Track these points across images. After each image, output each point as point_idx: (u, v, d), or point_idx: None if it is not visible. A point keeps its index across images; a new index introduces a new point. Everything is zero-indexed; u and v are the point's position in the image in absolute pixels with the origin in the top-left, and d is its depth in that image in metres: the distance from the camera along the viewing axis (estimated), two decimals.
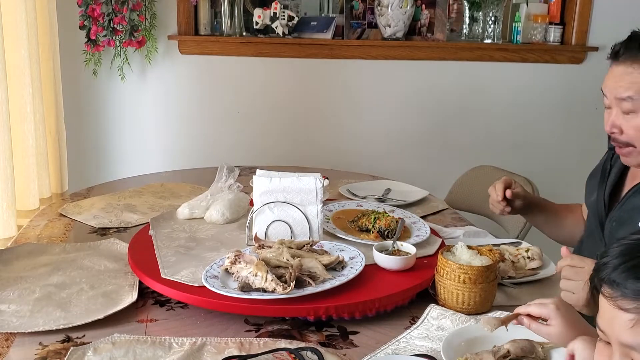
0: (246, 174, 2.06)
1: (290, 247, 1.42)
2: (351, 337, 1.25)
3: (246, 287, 1.29)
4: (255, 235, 1.54)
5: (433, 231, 1.69)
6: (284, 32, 2.91)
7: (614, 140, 1.41)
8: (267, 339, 1.22)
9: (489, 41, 3.00)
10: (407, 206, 2.00)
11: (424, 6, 2.97)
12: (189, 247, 1.57)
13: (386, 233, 1.62)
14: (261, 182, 1.55)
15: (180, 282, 1.35)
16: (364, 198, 2.04)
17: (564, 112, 3.13)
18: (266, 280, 1.27)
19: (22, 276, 1.46)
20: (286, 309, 1.28)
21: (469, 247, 1.39)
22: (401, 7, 2.85)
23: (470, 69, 3.04)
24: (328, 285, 1.31)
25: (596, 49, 3.03)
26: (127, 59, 2.85)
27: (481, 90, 3.08)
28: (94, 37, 2.69)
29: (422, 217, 1.86)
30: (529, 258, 1.55)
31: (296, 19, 2.93)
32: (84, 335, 1.23)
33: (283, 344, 1.19)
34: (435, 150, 3.13)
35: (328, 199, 1.83)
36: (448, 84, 3.06)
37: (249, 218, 1.57)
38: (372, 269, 1.44)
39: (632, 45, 1.32)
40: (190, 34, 2.90)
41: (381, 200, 2.05)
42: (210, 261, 1.43)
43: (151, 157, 3.01)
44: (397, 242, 1.53)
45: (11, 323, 1.25)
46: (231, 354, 1.15)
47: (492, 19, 2.98)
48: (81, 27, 2.70)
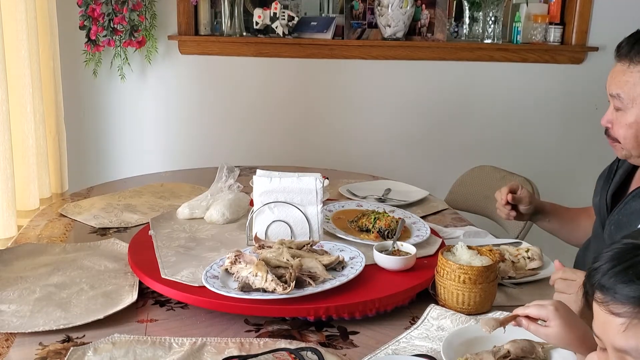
0: (246, 174, 2.06)
1: (290, 247, 1.42)
2: (351, 337, 1.25)
3: (246, 287, 1.29)
4: (255, 235, 1.54)
5: (433, 231, 1.69)
6: (284, 32, 2.91)
7: (606, 133, 1.43)
8: (267, 339, 1.22)
9: (489, 41, 3.00)
10: (407, 206, 2.00)
11: (424, 6, 2.97)
12: (189, 247, 1.57)
13: (386, 233, 1.62)
14: (261, 182, 1.55)
15: (180, 282, 1.36)
16: (364, 198, 2.04)
17: (563, 112, 3.13)
18: (266, 281, 1.27)
19: (22, 276, 1.46)
20: (286, 309, 1.28)
21: (469, 247, 1.39)
22: (401, 7, 2.85)
23: (470, 69, 3.04)
24: (328, 286, 1.31)
25: (596, 49, 3.03)
26: (127, 59, 2.85)
27: (481, 90, 3.08)
28: (94, 37, 2.69)
29: (422, 217, 1.86)
30: (529, 258, 1.55)
31: (296, 19, 2.93)
32: (84, 335, 1.23)
33: (283, 344, 1.19)
34: (435, 150, 3.13)
35: (328, 199, 1.83)
36: (448, 84, 3.06)
37: (249, 218, 1.57)
38: (372, 269, 1.44)
39: (632, 44, 1.33)
40: (190, 34, 2.90)
41: (381, 200, 2.05)
42: (210, 261, 1.44)
43: (151, 157, 3.01)
44: (397, 242, 1.53)
45: (11, 323, 1.25)
46: (231, 354, 1.15)
47: (492, 19, 2.98)
48: (81, 27, 2.70)
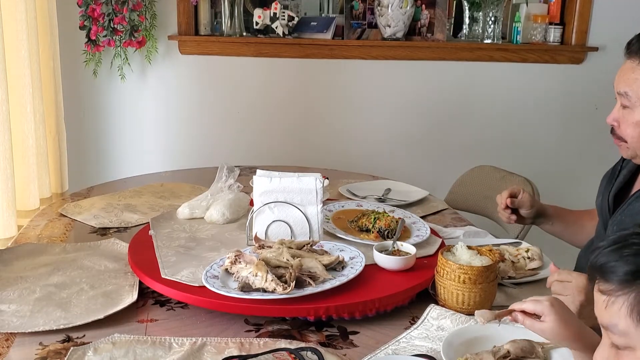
0: (246, 174, 2.06)
1: (290, 247, 1.42)
2: (351, 337, 1.25)
3: (246, 287, 1.29)
4: (255, 235, 1.54)
5: (433, 231, 1.69)
6: (284, 32, 2.91)
7: (612, 132, 1.42)
8: (267, 339, 1.22)
9: (489, 41, 3.00)
10: (407, 206, 2.00)
11: (424, 6, 2.97)
12: (189, 247, 1.57)
13: (386, 233, 1.62)
14: (261, 182, 1.55)
15: (181, 282, 1.36)
16: (364, 198, 2.04)
17: (563, 112, 3.13)
18: (266, 280, 1.27)
19: (22, 276, 1.46)
20: (286, 309, 1.28)
21: (469, 247, 1.39)
22: (401, 7, 2.85)
23: (470, 69, 3.04)
24: (328, 285, 1.31)
25: (596, 49, 3.03)
26: (127, 59, 2.85)
27: (481, 90, 3.08)
28: (94, 37, 2.69)
29: (422, 217, 1.86)
30: (529, 258, 1.55)
31: (296, 19, 2.93)
32: (84, 335, 1.23)
33: (283, 344, 1.19)
34: (435, 150, 3.13)
35: (328, 199, 1.83)
36: (448, 84, 3.06)
37: (249, 218, 1.57)
38: (372, 269, 1.44)
39: None
40: (190, 34, 2.90)
41: (381, 200, 2.05)
42: (210, 261, 1.44)
43: (151, 157, 3.01)
44: (397, 242, 1.53)
45: (11, 323, 1.25)
46: (231, 354, 1.15)
47: (492, 19, 2.98)
48: (81, 27, 2.70)
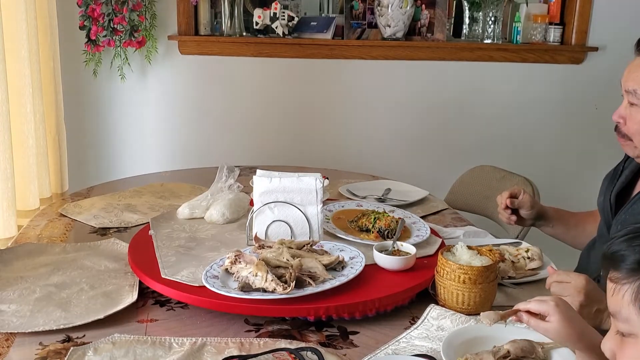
0: (246, 174, 2.06)
1: (290, 247, 1.42)
2: (351, 337, 1.26)
3: (246, 287, 1.29)
4: (255, 235, 1.54)
5: (433, 231, 1.69)
6: (284, 32, 2.91)
7: (616, 129, 1.41)
8: (267, 339, 1.22)
9: (489, 41, 3.00)
10: (407, 206, 2.00)
11: (424, 6, 2.97)
12: (189, 247, 1.57)
13: (386, 233, 1.62)
14: (261, 182, 1.55)
15: (181, 282, 1.36)
16: (364, 198, 2.04)
17: (563, 112, 3.13)
18: (266, 280, 1.27)
19: (22, 276, 1.46)
20: (286, 309, 1.28)
21: (469, 247, 1.39)
22: (401, 7, 2.85)
23: (470, 69, 3.04)
24: (328, 285, 1.31)
25: (596, 49, 3.03)
26: (127, 59, 2.85)
27: (481, 91, 3.08)
28: (94, 37, 2.69)
29: (422, 217, 1.86)
30: (529, 258, 1.55)
31: (296, 19, 2.93)
32: (84, 335, 1.23)
33: (283, 344, 1.20)
34: (435, 150, 3.13)
35: (328, 199, 1.83)
36: (448, 84, 3.06)
37: (249, 218, 1.57)
38: (372, 269, 1.44)
39: None
40: (190, 34, 2.90)
41: (381, 200, 2.05)
42: (210, 261, 1.43)
43: (151, 157, 3.01)
44: (397, 242, 1.53)
45: (11, 323, 1.25)
46: (231, 354, 1.15)
47: (492, 19, 2.98)
48: (81, 28, 2.70)
